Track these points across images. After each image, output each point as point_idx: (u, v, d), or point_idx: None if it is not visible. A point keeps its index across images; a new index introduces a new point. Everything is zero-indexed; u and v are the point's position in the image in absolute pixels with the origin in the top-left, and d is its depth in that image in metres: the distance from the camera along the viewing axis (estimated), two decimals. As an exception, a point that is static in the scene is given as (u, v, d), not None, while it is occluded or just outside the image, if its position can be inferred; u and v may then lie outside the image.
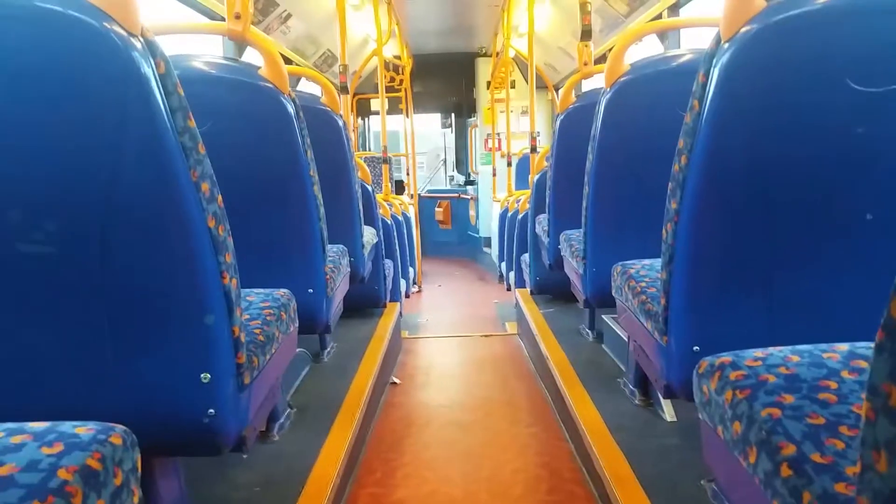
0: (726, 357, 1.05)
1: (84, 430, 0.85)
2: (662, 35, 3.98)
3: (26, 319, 1.13)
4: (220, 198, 1.20)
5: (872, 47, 1.19)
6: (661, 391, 1.60)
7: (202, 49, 2.08)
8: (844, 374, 0.96)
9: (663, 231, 1.45)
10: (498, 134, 8.07)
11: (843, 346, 1.03)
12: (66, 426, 0.86)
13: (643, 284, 1.75)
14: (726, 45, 1.23)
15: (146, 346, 1.16)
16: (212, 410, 1.20)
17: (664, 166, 1.60)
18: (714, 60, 1.25)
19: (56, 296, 1.12)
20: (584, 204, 2.37)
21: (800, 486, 0.77)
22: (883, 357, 0.56)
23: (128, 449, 0.88)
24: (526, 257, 4.03)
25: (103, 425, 0.87)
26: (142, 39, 1.06)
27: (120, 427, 0.89)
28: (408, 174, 8.04)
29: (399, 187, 8.50)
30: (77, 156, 1.06)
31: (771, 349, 1.05)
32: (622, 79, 2.14)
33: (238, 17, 1.80)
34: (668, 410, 2.03)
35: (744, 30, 1.21)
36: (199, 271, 1.15)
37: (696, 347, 1.39)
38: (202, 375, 1.18)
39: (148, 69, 1.05)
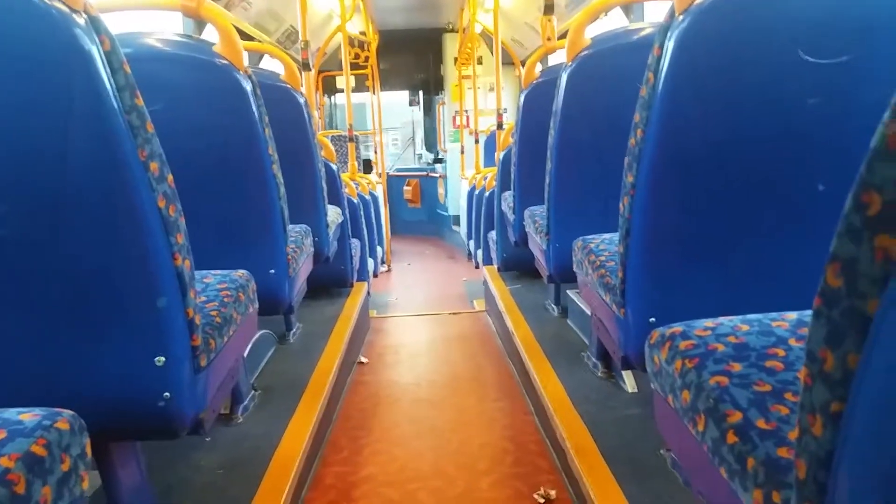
0: (677, 327, 1.06)
1: (29, 416, 0.83)
2: (627, 9, 3.98)
3: None
4: (170, 177, 1.18)
5: (823, 19, 1.20)
6: (619, 362, 1.62)
7: (161, 26, 2.02)
8: (792, 341, 0.98)
9: (620, 205, 1.46)
10: (466, 111, 8.03)
11: (792, 315, 1.05)
12: (10, 412, 0.84)
13: (602, 258, 1.76)
14: (680, 18, 1.24)
15: (98, 330, 1.14)
16: (167, 394, 1.18)
17: (625, 141, 1.61)
18: (668, 33, 1.25)
19: (4, 280, 1.09)
20: (546, 180, 2.37)
21: (744, 452, 0.79)
22: (820, 323, 0.57)
23: (75, 434, 0.86)
24: (493, 234, 4.04)
25: (49, 411, 0.85)
26: (85, 15, 1.02)
27: (67, 412, 0.87)
28: (376, 152, 7.98)
29: (367, 166, 8.44)
30: (22, 136, 1.03)
31: (721, 319, 1.07)
32: (583, 53, 2.14)
33: (191, -9, 1.75)
34: (629, 382, 2.06)
35: (697, 2, 1.22)
36: (149, 253, 1.13)
37: (651, 319, 1.41)
38: (156, 359, 1.17)
39: (92, 46, 1.01)
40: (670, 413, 1.02)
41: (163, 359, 1.17)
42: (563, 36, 3.06)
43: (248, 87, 1.89)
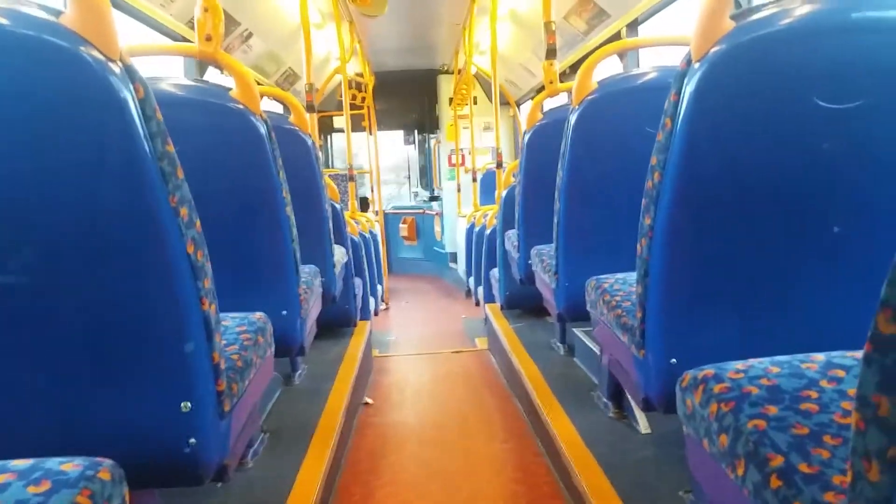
0: (709, 370, 1.07)
1: (71, 465, 0.82)
2: (622, 55, 4.07)
3: (1, 351, 1.09)
4: (198, 223, 1.19)
5: (837, 65, 1.24)
6: (639, 404, 1.62)
7: (158, 70, 2.06)
8: (823, 383, 0.99)
9: (638, 246, 1.47)
10: (461, 150, 8.12)
11: (820, 357, 1.06)
12: (52, 462, 0.83)
13: (618, 298, 1.77)
14: (697, 65, 1.27)
15: (125, 376, 1.13)
16: (193, 440, 1.17)
17: (633, 182, 1.63)
18: (685, 79, 1.29)
19: (32, 326, 1.09)
20: (555, 220, 2.39)
21: (790, 497, 0.79)
22: (871, 369, 0.57)
23: (116, 484, 0.85)
24: (495, 272, 4.05)
25: (90, 460, 0.84)
26: (120, 64, 1.04)
27: (108, 462, 0.86)
28: (372, 191, 8.02)
29: (364, 204, 8.48)
30: (55, 182, 1.04)
31: (751, 361, 1.08)
32: (590, 97, 2.18)
33: (209, 38, 1.78)
34: (642, 422, 2.05)
35: (714, 50, 1.25)
36: (178, 298, 1.13)
37: (673, 360, 1.41)
38: (182, 404, 1.16)
39: (127, 94, 1.03)
40: (705, 457, 1.02)
41: (189, 404, 1.16)
42: (561, 77, 3.13)
43: (263, 131, 1.91)
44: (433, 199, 9.45)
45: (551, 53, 2.94)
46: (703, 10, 1.26)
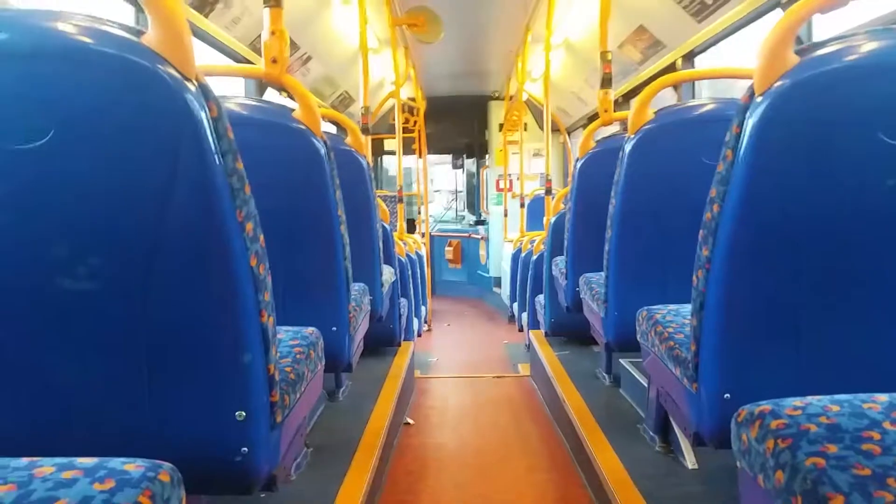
0: (766, 405, 1.05)
1: (133, 466, 0.85)
2: (677, 84, 4.05)
3: (66, 354, 1.14)
4: (262, 237, 1.23)
5: None
6: (689, 438, 1.59)
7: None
8: (886, 424, 0.96)
9: (694, 277, 1.46)
10: (509, 175, 8.15)
11: (883, 397, 1.03)
12: (115, 462, 0.86)
13: (670, 330, 1.75)
14: (760, 99, 1.26)
15: (184, 383, 1.17)
16: (245, 448, 1.20)
17: (687, 212, 1.62)
18: (748, 112, 1.28)
19: (97, 331, 1.13)
20: (606, 248, 2.38)
21: (852, 539, 0.77)
22: None
23: (175, 486, 0.88)
24: (541, 298, 4.03)
25: (152, 462, 0.87)
26: (196, 83, 1.09)
27: (167, 465, 0.89)
28: (419, 213, 8.09)
29: (410, 225, 8.56)
30: (127, 194, 1.09)
31: (810, 398, 1.05)
32: (646, 126, 2.18)
33: (275, 61, 1.85)
34: (689, 457, 2.00)
35: (777, 84, 1.24)
36: (239, 310, 1.16)
37: (726, 395, 1.39)
38: (237, 413, 1.19)
39: (201, 112, 1.07)
40: (759, 493, 1.00)
41: (243, 413, 1.19)
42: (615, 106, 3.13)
43: (323, 151, 1.97)
44: (479, 222, 9.48)
45: (606, 83, 2.95)
46: (768, 43, 1.26)
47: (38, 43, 1.05)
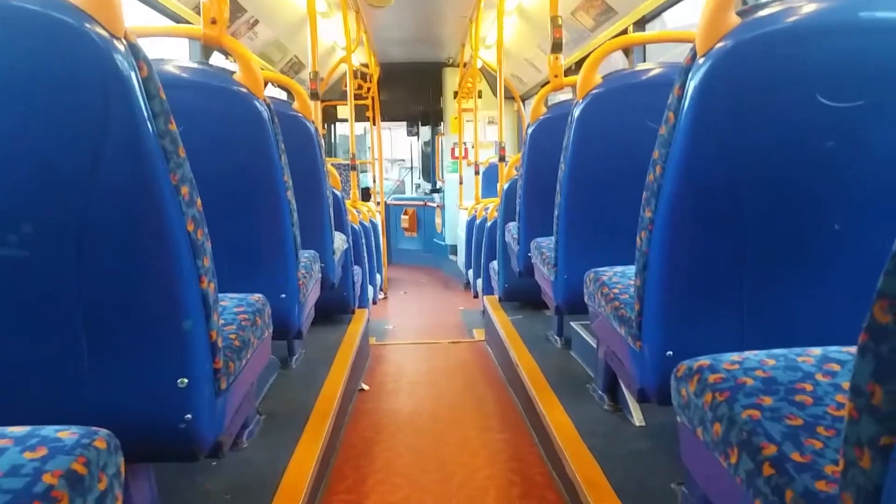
0: (704, 360, 1.08)
1: (67, 434, 0.83)
2: (627, 50, 4.06)
3: (1, 323, 1.10)
4: (199, 201, 1.19)
5: (841, 64, 1.24)
6: (634, 395, 1.62)
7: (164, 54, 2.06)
8: (819, 376, 0.99)
9: (637, 239, 1.48)
10: (465, 143, 8.12)
11: (817, 350, 1.07)
12: (49, 430, 0.83)
13: (616, 291, 1.78)
14: (702, 60, 1.27)
15: (123, 351, 1.14)
16: (189, 416, 1.18)
17: (634, 176, 1.63)
18: (690, 74, 1.29)
19: (31, 299, 1.09)
20: (555, 212, 2.40)
21: (782, 485, 0.79)
22: (866, 358, 0.58)
23: (112, 453, 0.86)
24: (494, 264, 4.05)
25: (87, 429, 0.85)
26: (125, 42, 1.04)
27: (104, 431, 0.87)
28: (374, 181, 8.03)
29: (365, 194, 8.49)
30: (56, 157, 1.04)
31: (747, 353, 1.08)
32: (594, 91, 2.18)
33: (214, 21, 1.79)
34: (636, 415, 2.06)
35: (719, 45, 1.25)
36: (177, 275, 1.13)
37: (669, 352, 1.42)
38: (179, 380, 1.16)
39: (131, 72, 1.03)
40: (699, 446, 1.03)
41: (185, 380, 1.17)
42: (565, 74, 3.13)
43: (266, 115, 1.91)
44: (435, 190, 9.45)
45: (557, 48, 2.94)
46: (709, 5, 1.27)
47: None
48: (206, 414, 1.22)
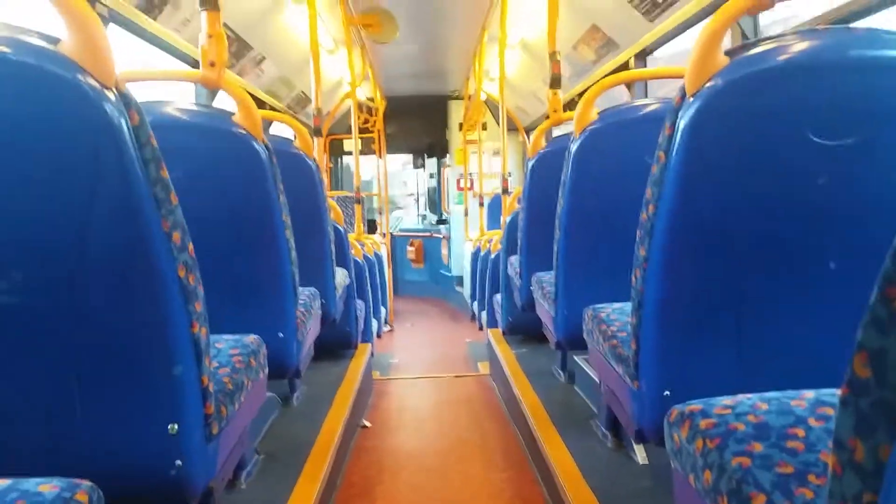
0: (696, 405, 1.06)
1: (48, 487, 0.82)
2: (630, 84, 4.10)
3: None
4: (191, 246, 1.20)
5: (831, 102, 1.24)
6: (632, 436, 1.60)
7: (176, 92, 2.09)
8: (811, 421, 0.98)
9: (632, 277, 1.47)
10: (470, 174, 8.16)
11: (810, 394, 1.05)
12: (29, 484, 0.83)
13: (614, 328, 1.77)
14: (692, 99, 1.28)
15: (113, 398, 1.14)
16: (179, 462, 1.17)
17: (633, 211, 1.63)
18: (680, 113, 1.29)
19: (20, 347, 1.10)
20: (555, 248, 2.40)
21: (770, 537, 0.78)
22: (847, 412, 0.57)
23: None
24: (498, 297, 4.04)
25: (68, 482, 0.84)
26: (115, 91, 1.06)
27: (86, 483, 0.86)
28: (380, 213, 8.06)
29: (371, 226, 8.52)
30: (48, 206, 1.06)
31: (740, 396, 1.07)
32: (591, 127, 2.19)
33: (213, 64, 1.82)
34: (639, 453, 2.03)
35: (709, 84, 1.26)
36: (168, 322, 1.14)
37: (666, 392, 1.40)
38: (169, 426, 1.16)
39: (121, 121, 1.05)
40: (691, 493, 1.01)
41: (176, 426, 1.16)
42: (567, 105, 3.15)
43: (264, 155, 1.93)
44: (441, 222, 9.48)
45: (556, 83, 2.96)
46: (698, 45, 1.28)
47: None
48: (198, 459, 1.21)
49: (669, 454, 1.12)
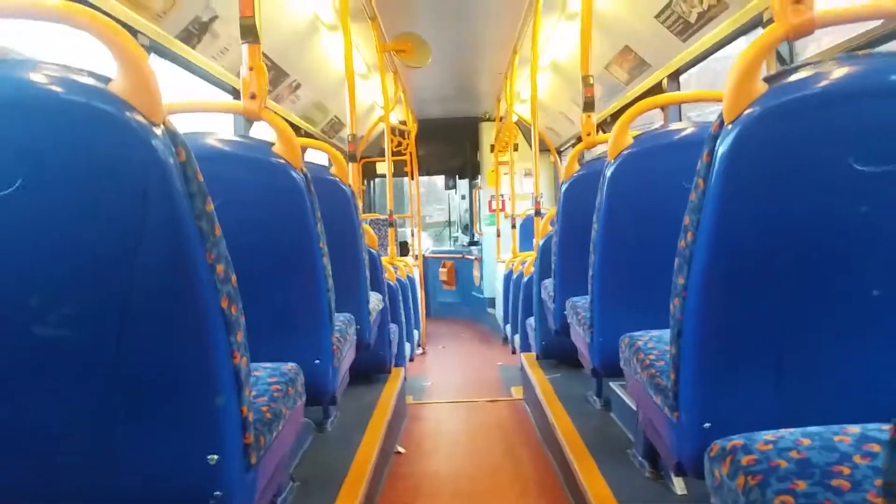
0: (737, 440, 1.04)
1: None
2: (665, 109, 4.08)
3: (38, 400, 1.14)
4: (234, 277, 1.22)
5: (871, 128, 1.22)
6: (671, 468, 1.57)
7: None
8: (857, 458, 0.95)
9: (671, 305, 1.45)
10: (502, 195, 8.17)
11: (855, 429, 1.03)
12: None
13: (652, 357, 1.74)
14: (730, 127, 1.26)
15: (154, 428, 1.16)
16: (218, 493, 1.18)
17: (670, 237, 1.61)
18: (718, 141, 1.28)
19: (67, 377, 1.13)
20: (589, 273, 2.38)
21: (819, 582, 0.76)
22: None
23: None
24: (531, 321, 4.02)
25: None
26: (163, 128, 1.10)
27: None
28: (412, 235, 8.11)
29: (404, 248, 8.57)
30: (97, 241, 1.09)
31: (782, 431, 1.05)
32: (626, 151, 2.19)
33: (253, 96, 1.86)
34: (678, 484, 1.99)
35: (747, 112, 1.24)
36: (210, 352, 1.16)
37: (706, 424, 1.38)
38: (209, 457, 1.18)
39: (169, 157, 1.08)
40: None
41: (216, 457, 1.18)
42: (599, 125, 3.15)
43: (303, 185, 1.97)
44: (473, 243, 9.49)
45: (589, 106, 2.96)
46: (735, 72, 1.27)
47: (10, 94, 1.05)
48: (236, 490, 1.22)
49: (710, 490, 1.09)
